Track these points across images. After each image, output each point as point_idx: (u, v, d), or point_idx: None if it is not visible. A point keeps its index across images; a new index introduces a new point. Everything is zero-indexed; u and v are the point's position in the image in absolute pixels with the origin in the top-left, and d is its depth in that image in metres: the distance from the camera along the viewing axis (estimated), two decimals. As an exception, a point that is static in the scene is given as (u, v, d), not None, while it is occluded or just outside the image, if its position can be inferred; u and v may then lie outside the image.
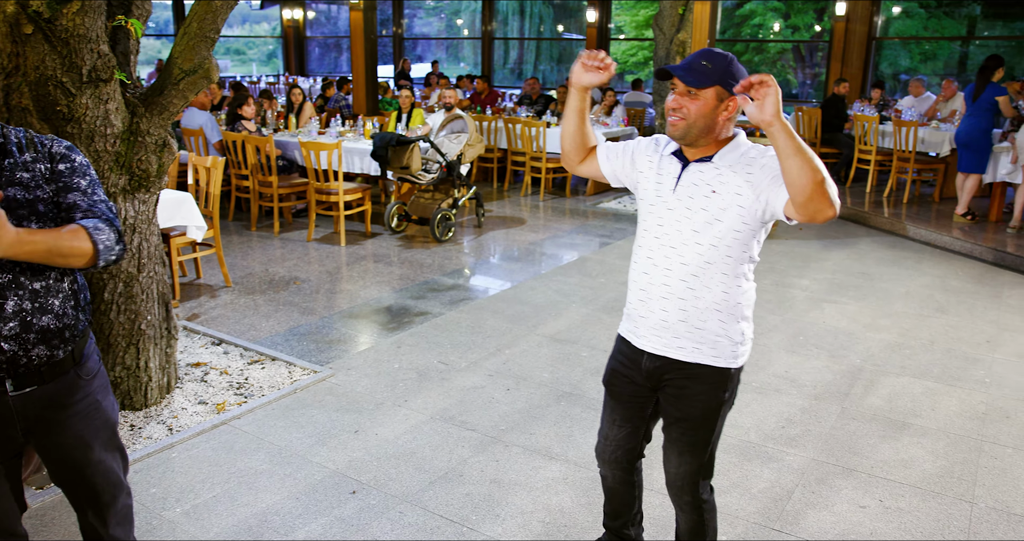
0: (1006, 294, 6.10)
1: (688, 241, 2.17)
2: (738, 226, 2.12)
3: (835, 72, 13.26)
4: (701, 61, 2.09)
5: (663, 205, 2.22)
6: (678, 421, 2.33)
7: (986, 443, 3.74)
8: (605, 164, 2.41)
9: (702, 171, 2.17)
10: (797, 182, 1.85)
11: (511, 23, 31.40)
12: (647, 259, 2.26)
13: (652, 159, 2.30)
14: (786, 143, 1.83)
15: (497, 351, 4.66)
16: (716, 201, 2.13)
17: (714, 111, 2.10)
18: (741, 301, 2.22)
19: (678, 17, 10.45)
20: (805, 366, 4.55)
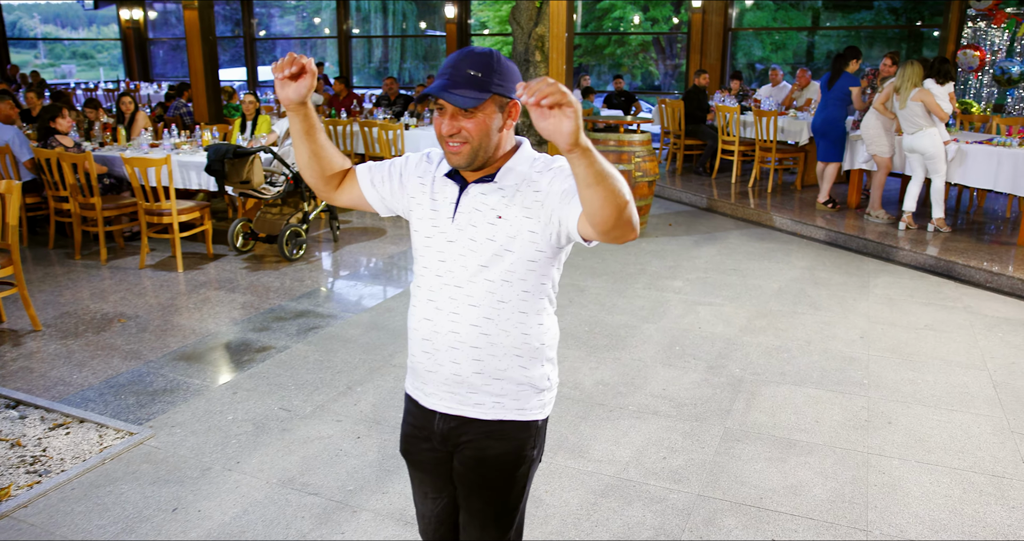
0: (872, 284, 6.06)
1: (476, 278, 1.78)
2: (532, 255, 1.76)
3: (695, 63, 13.33)
4: (467, 71, 1.67)
5: (442, 237, 1.82)
6: (480, 489, 1.92)
7: (872, 456, 3.52)
8: (369, 191, 1.96)
9: (484, 193, 1.78)
10: (600, 213, 1.51)
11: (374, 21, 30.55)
12: (429, 303, 1.85)
13: (424, 181, 1.89)
14: (587, 172, 1.45)
15: (348, 390, 4.13)
16: (504, 228, 1.75)
17: (499, 124, 1.72)
18: (544, 342, 1.87)
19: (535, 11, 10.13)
20: (684, 381, 4.25)
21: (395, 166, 1.95)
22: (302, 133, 1.85)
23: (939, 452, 3.57)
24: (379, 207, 1.98)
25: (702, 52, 13.32)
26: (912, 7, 24.98)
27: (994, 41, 9.37)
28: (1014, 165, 6.71)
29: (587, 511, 3.09)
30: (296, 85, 1.74)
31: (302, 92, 1.75)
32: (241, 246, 6.75)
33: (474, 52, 1.70)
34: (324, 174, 1.93)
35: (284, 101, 1.78)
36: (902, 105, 6.86)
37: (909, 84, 6.78)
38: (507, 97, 1.72)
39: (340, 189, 1.98)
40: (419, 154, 1.96)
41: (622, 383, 4.22)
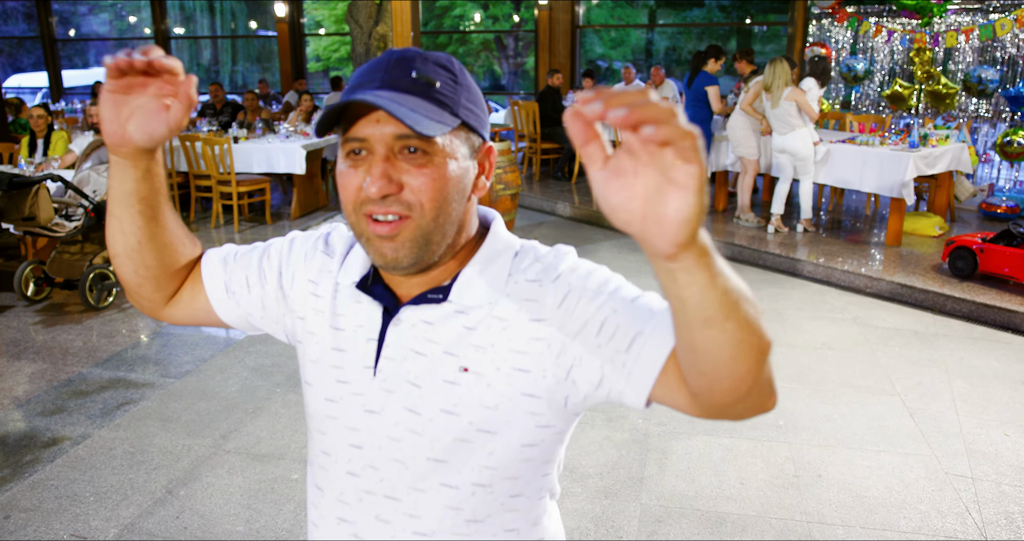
0: (759, 296, 5.69)
1: (425, 483, 1.01)
2: (530, 435, 1.00)
3: (543, 62, 12.89)
4: (414, 75, 0.92)
5: (357, 404, 1.04)
6: None
7: (813, 525, 3.01)
8: (222, 301, 1.14)
9: (431, 322, 1.00)
10: (723, 372, 0.78)
11: (200, 20, 28.46)
12: (340, 525, 1.07)
13: (321, 292, 1.09)
14: (705, 295, 0.71)
15: (168, 495, 3.21)
16: (474, 390, 0.97)
17: (464, 181, 0.97)
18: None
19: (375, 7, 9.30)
20: (582, 443, 3.61)
21: (270, 258, 1.14)
22: (136, 200, 1.02)
23: (882, 512, 3.11)
24: (240, 326, 1.17)
25: (551, 50, 12.89)
26: (740, 5, 25.94)
27: (839, 39, 9.41)
28: (879, 165, 6.58)
29: None
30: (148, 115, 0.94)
31: (159, 131, 0.95)
32: (33, 295, 5.55)
33: (423, 52, 0.95)
34: (155, 274, 1.10)
35: (120, 140, 0.96)
36: (775, 105, 6.55)
37: (781, 82, 6.48)
38: (480, 134, 0.98)
39: (175, 302, 1.15)
40: (311, 237, 1.14)
41: (512, 452, 3.53)
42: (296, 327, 1.11)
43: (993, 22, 7.98)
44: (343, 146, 0.94)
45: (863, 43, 9.21)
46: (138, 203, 1.02)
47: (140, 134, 0.95)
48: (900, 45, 8.85)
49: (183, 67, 0.93)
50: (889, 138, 6.96)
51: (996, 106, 8.07)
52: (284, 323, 1.13)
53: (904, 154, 6.42)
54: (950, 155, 6.84)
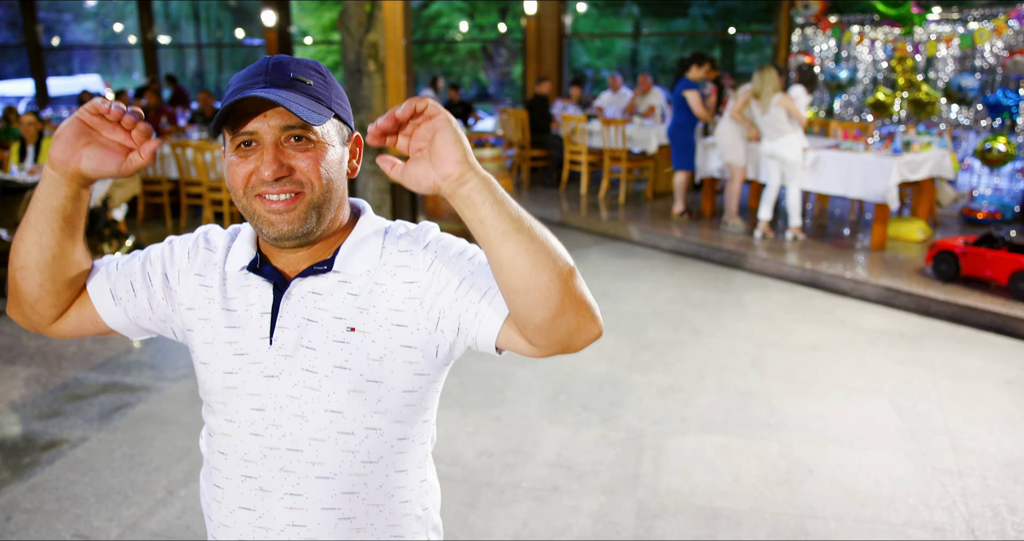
0: (746, 300, 5.78)
1: (324, 433, 1.14)
2: (409, 382, 1.17)
3: (531, 70, 12.97)
4: (292, 75, 1.08)
5: (256, 372, 1.15)
6: None
7: (806, 519, 3.08)
8: (110, 309, 1.23)
9: (318, 292, 1.16)
10: (530, 283, 0.98)
11: (184, 29, 28.43)
12: (246, 481, 1.17)
13: (209, 282, 1.20)
14: (496, 213, 0.97)
15: (168, 496, 3.23)
16: (361, 347, 1.13)
17: (342, 164, 1.16)
18: (428, 505, 1.26)
19: (366, 16, 9.35)
20: (579, 441, 3.67)
21: (152, 262, 1.24)
22: (60, 217, 1.11)
23: (872, 506, 3.18)
24: (127, 331, 1.26)
25: (538, 59, 12.98)
26: (724, 15, 26.21)
27: (822, 48, 9.55)
28: (864, 171, 6.69)
29: None
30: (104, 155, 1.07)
31: (107, 168, 1.07)
32: (25, 300, 5.55)
33: (294, 58, 1.11)
34: (61, 289, 1.18)
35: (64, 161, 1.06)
36: (764, 111, 6.64)
37: (770, 89, 6.57)
38: (348, 125, 1.15)
39: (64, 318, 1.23)
40: (190, 238, 1.26)
41: (509, 451, 3.57)
42: (186, 318, 1.21)
43: (972, 32, 8.14)
44: (231, 141, 1.08)
45: (846, 52, 9.35)
46: (61, 220, 1.11)
47: (90, 164, 1.07)
48: (882, 54, 9.00)
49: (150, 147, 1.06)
50: (873, 145, 7.08)
51: (976, 113, 8.22)
52: (172, 320, 1.23)
53: (888, 160, 6.54)
54: (932, 161, 6.97)
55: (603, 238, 7.73)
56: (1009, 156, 7.75)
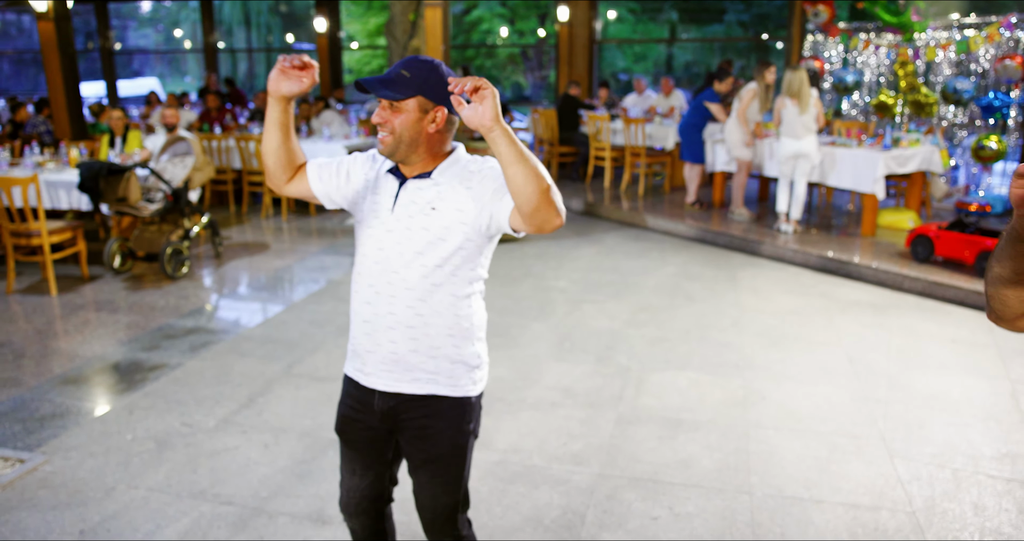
0: (739, 276, 6.55)
1: (411, 264, 1.98)
2: (463, 243, 1.97)
3: (564, 74, 13.80)
4: (401, 71, 1.91)
5: (381, 227, 2.02)
6: (426, 464, 2.12)
7: (751, 428, 3.87)
8: (317, 184, 2.14)
9: (421, 188, 1.99)
10: (523, 191, 1.73)
11: (236, 34, 29.75)
12: (369, 287, 2.03)
13: (368, 177, 2.09)
14: (508, 150, 1.70)
15: (250, 401, 4.14)
16: (437, 219, 1.96)
17: (419, 123, 1.93)
18: (474, 322, 2.07)
19: (410, 24, 10.27)
20: (576, 373, 4.50)
21: (343, 164, 2.12)
22: (280, 124, 2.02)
23: (808, 420, 3.95)
24: (325, 199, 2.14)
25: (570, 63, 13.82)
26: (759, 21, 26.72)
27: (831, 53, 10.23)
28: (853, 163, 7.39)
29: (498, 497, 3.26)
30: (295, 82, 1.93)
31: (295, 90, 1.94)
32: (119, 266, 6.54)
33: (416, 60, 1.93)
34: (284, 165, 2.10)
35: (275, 90, 1.95)
36: (804, 110, 7.18)
37: (807, 89, 7.18)
38: (433, 102, 1.92)
39: (292, 181, 2.15)
40: (366, 154, 2.14)
41: (519, 379, 4.42)
42: (355, 196, 2.10)
43: (967, 38, 8.77)
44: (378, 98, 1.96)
45: (853, 57, 10.02)
46: (279, 126, 2.02)
47: (287, 88, 1.95)
48: (886, 58, 9.66)
49: (313, 61, 1.94)
50: (866, 141, 7.78)
51: (970, 114, 8.84)
52: (348, 196, 2.11)
53: (876, 154, 7.24)
54: (920, 156, 7.64)
55: (621, 225, 8.54)
56: (1001, 154, 8.38)
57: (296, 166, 2.12)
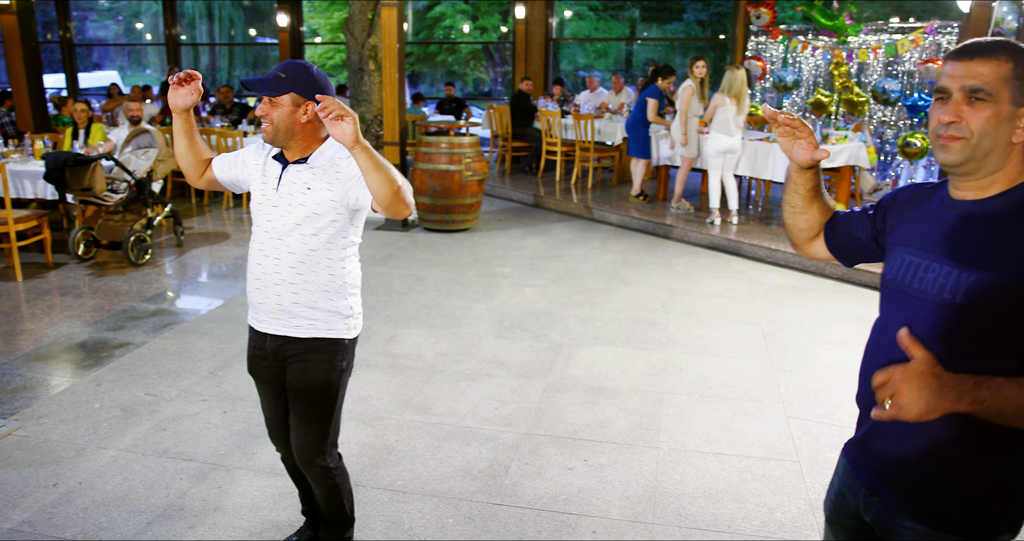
0: (674, 262, 7.00)
1: (292, 233, 2.41)
2: (334, 217, 2.41)
3: (520, 71, 14.20)
4: (278, 73, 2.34)
5: (268, 203, 2.45)
6: (303, 392, 2.55)
7: (666, 394, 4.31)
8: (221, 175, 2.59)
9: (299, 171, 2.42)
10: (379, 192, 2.17)
11: (199, 27, 29.66)
12: (259, 251, 2.48)
13: (259, 163, 2.51)
14: (367, 163, 2.13)
15: (210, 374, 4.48)
16: (312, 197, 2.39)
17: (293, 115, 2.35)
18: (347, 281, 2.52)
19: (368, 22, 10.57)
20: (512, 348, 4.91)
21: (239, 154, 2.57)
22: (183, 132, 2.48)
23: (718, 387, 4.40)
24: (232, 186, 2.60)
25: (527, 60, 14.21)
26: (717, 20, 27.33)
27: (772, 53, 10.75)
28: (785, 158, 7.88)
29: (432, 452, 3.65)
30: (183, 96, 2.38)
31: (187, 102, 2.39)
32: (83, 254, 6.81)
33: (293, 63, 2.35)
34: (194, 164, 2.56)
35: (172, 105, 2.39)
36: (741, 110, 7.68)
37: (745, 88, 7.68)
38: (304, 97, 2.35)
39: (203, 177, 2.61)
40: (256, 145, 2.58)
41: (459, 353, 4.82)
42: (249, 179, 2.52)
43: (895, 41, 9.34)
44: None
45: (792, 57, 10.55)
46: (184, 133, 2.47)
47: (181, 102, 2.39)
48: (822, 60, 10.20)
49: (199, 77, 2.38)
50: (797, 137, 8.27)
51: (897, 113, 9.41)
52: (245, 180, 2.54)
53: (805, 150, 7.73)
54: (848, 152, 8.16)
55: (568, 216, 8.96)
56: (924, 150, 8.94)
57: (203, 162, 2.57)
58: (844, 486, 1.79)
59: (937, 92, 1.54)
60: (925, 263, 1.57)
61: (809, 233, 1.89)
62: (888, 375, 1.34)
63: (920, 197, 1.69)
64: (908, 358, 1.40)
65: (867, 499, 1.70)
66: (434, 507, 3.24)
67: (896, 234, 1.69)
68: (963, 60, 1.50)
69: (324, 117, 2.05)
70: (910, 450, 1.59)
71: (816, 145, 1.75)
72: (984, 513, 1.56)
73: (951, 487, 1.56)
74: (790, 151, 1.77)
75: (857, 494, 1.74)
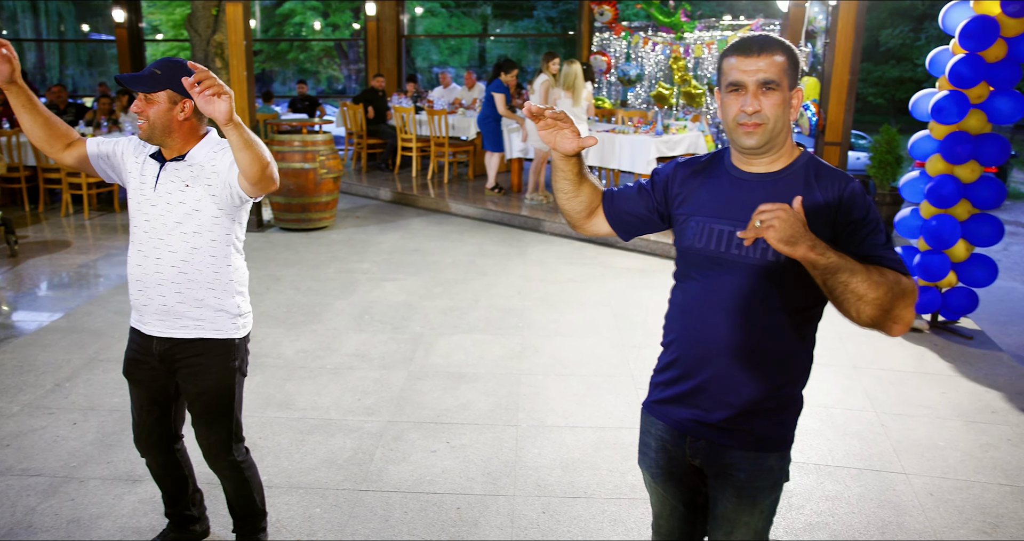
0: (529, 251, 7.25)
1: (173, 231, 2.39)
2: (215, 213, 2.40)
3: (373, 68, 14.14)
4: (154, 70, 2.31)
5: (147, 202, 2.41)
6: (200, 396, 2.53)
7: (524, 375, 4.50)
8: (95, 158, 2.49)
9: (177, 169, 2.39)
10: (249, 169, 2.19)
11: (22, 21, 27.59)
12: (139, 252, 2.44)
13: (137, 160, 2.47)
14: (238, 140, 2.14)
15: (56, 387, 4.30)
16: (191, 194, 2.38)
17: (169, 112, 2.33)
18: (233, 278, 2.50)
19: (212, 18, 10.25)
20: (373, 341, 4.97)
21: (119, 145, 2.49)
22: (21, 106, 2.34)
23: (572, 366, 4.64)
24: (100, 172, 2.51)
25: (379, 57, 14.17)
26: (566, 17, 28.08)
27: (616, 49, 11.24)
28: (631, 148, 8.31)
29: (296, 446, 3.68)
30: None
31: (4, 73, 2.24)
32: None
33: (169, 60, 2.31)
34: (47, 136, 2.42)
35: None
36: (577, 102, 7.99)
37: (581, 82, 7.97)
38: (180, 95, 2.32)
39: (68, 151, 2.46)
40: (136, 142, 2.49)
41: (320, 349, 4.84)
42: (126, 176, 2.48)
43: (727, 37, 9.99)
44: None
45: (635, 52, 11.07)
46: (22, 107, 2.34)
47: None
48: (662, 54, 10.76)
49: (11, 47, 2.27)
50: (640, 128, 8.73)
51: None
52: (120, 174, 2.49)
53: (649, 139, 8.18)
54: (688, 141, 8.68)
55: (427, 211, 9.06)
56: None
57: (63, 135, 2.44)
58: (663, 441, 2.01)
59: (732, 86, 1.76)
60: (740, 230, 1.79)
61: (585, 213, 2.06)
62: (772, 207, 1.55)
63: (701, 171, 1.93)
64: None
65: (693, 445, 1.95)
66: (300, 499, 3.28)
67: (689, 206, 1.91)
68: (751, 56, 1.74)
69: (199, 93, 2.03)
70: (734, 396, 1.86)
71: (579, 133, 1.91)
72: (786, 428, 1.92)
73: (766, 414, 1.87)
74: (554, 142, 1.90)
75: (680, 444, 1.97)
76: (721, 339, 1.84)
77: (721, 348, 1.84)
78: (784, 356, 1.85)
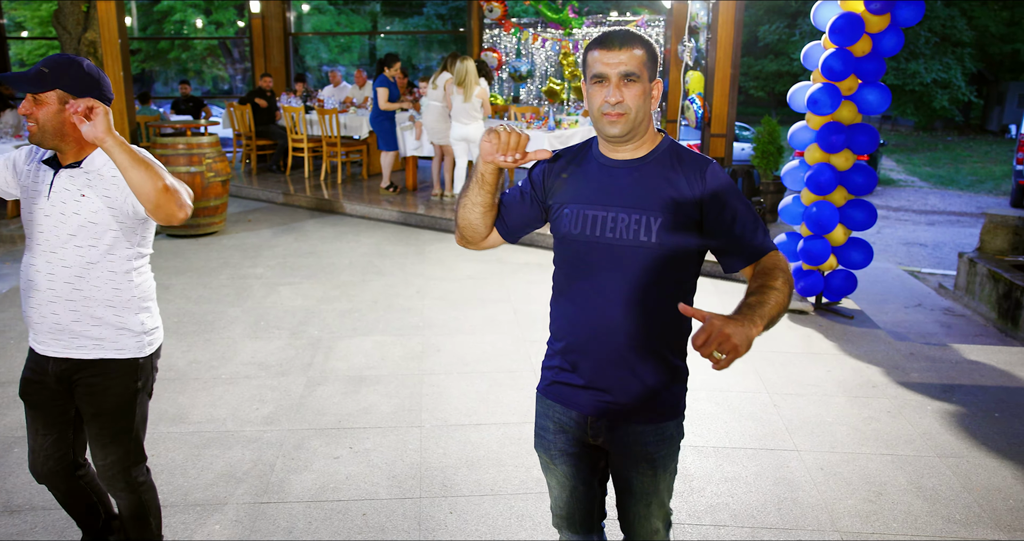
0: (428, 250, 7.21)
1: (67, 244, 2.23)
2: (113, 226, 2.25)
3: (260, 67, 13.73)
4: (41, 68, 2.15)
5: (40, 212, 2.25)
6: (95, 417, 2.38)
7: (425, 375, 4.47)
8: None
9: (72, 176, 2.24)
10: (141, 190, 2.04)
11: None
12: (31, 266, 2.28)
13: (30, 168, 2.31)
14: (122, 157, 2.01)
15: (-80, 413, 3.99)
16: (87, 204, 2.22)
17: (60, 114, 2.17)
18: (135, 295, 2.35)
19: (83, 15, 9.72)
20: (269, 348, 4.83)
21: (9, 157, 2.33)
22: None
23: (474, 364, 4.64)
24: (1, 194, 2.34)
25: (266, 56, 13.77)
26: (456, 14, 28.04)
27: (506, 45, 11.29)
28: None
29: (192, 461, 3.54)
30: None
31: None
32: None
33: (59, 57, 2.16)
34: None
35: None
36: (468, 98, 7.97)
37: (472, 79, 7.95)
38: (72, 95, 2.16)
39: None
40: (28, 147, 2.34)
41: (214, 359, 4.67)
42: (18, 187, 2.33)
43: (612, 33, 10.20)
44: None
45: (525, 49, 11.15)
46: None
47: None
48: (552, 50, 10.89)
49: None
50: (534, 123, 8.81)
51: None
52: (13, 187, 2.34)
53: (542, 134, 8.26)
54: (580, 135, 8.79)
55: (319, 213, 8.88)
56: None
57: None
58: (561, 423, 2.06)
59: (596, 78, 1.84)
60: (612, 215, 1.88)
61: (488, 229, 2.06)
62: (707, 331, 1.54)
63: (572, 161, 2.00)
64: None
65: (595, 425, 2.01)
66: (197, 516, 3.15)
67: (561, 195, 1.98)
68: (613, 50, 1.81)
69: (72, 111, 1.95)
70: (627, 373, 1.93)
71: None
72: (679, 396, 2.02)
73: (661, 387, 1.96)
74: (493, 156, 1.86)
75: (580, 424, 2.03)
76: (606, 320, 1.90)
77: (607, 328, 1.91)
78: (667, 329, 1.93)
